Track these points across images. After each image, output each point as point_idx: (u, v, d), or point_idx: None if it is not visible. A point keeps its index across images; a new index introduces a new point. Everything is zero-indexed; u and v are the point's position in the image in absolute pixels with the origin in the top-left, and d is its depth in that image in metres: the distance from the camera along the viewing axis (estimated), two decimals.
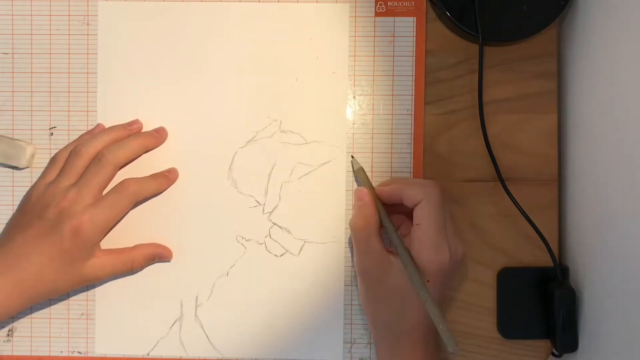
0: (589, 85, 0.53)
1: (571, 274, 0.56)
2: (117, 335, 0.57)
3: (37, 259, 0.51)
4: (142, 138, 0.56)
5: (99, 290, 0.57)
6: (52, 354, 0.57)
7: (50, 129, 0.57)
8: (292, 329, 0.56)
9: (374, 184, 0.54)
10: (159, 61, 0.57)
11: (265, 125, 0.57)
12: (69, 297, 0.57)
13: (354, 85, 0.57)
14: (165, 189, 0.57)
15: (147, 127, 0.57)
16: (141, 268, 0.56)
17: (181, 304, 0.57)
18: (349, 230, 0.56)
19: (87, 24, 0.57)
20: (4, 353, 0.57)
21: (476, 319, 0.56)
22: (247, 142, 0.57)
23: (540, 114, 0.57)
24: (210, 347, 0.56)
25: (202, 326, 0.56)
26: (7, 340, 0.57)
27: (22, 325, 0.57)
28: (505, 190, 0.55)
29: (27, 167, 0.57)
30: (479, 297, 0.56)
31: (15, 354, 0.57)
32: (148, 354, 0.56)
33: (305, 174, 0.57)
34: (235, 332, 0.56)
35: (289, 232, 0.57)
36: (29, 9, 0.57)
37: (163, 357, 0.57)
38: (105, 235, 0.55)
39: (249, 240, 0.57)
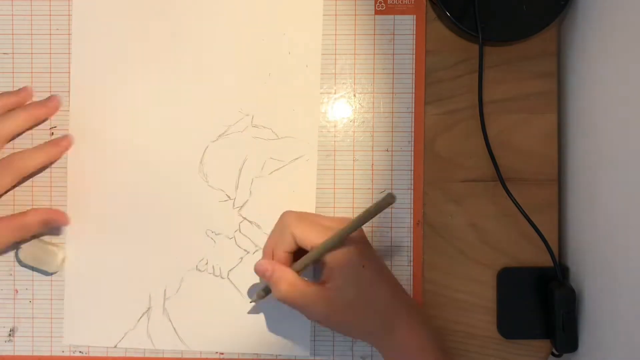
0: (589, 85, 0.53)
1: (571, 274, 0.56)
2: (85, 327, 0.57)
3: None
4: (30, 109, 0.55)
5: (67, 282, 0.57)
6: (54, 353, 0.57)
7: (50, 129, 0.57)
8: (262, 324, 0.56)
9: (374, 184, 0.55)
10: (132, 54, 0.57)
11: (237, 120, 0.57)
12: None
13: (355, 84, 0.57)
14: (57, 160, 0.55)
15: (120, 117, 0.57)
16: (35, 234, 0.55)
17: (149, 297, 0.56)
18: None
19: None
20: (5, 353, 0.57)
21: (476, 319, 0.56)
22: (219, 136, 0.57)
23: (540, 114, 0.57)
24: (177, 340, 0.56)
25: (170, 319, 0.56)
26: (9, 340, 0.57)
27: (23, 325, 0.57)
28: (505, 190, 0.55)
29: (56, 272, 0.56)
30: (479, 297, 0.56)
31: (16, 353, 0.57)
32: (115, 346, 0.56)
33: (276, 169, 0.57)
34: (203, 326, 0.56)
35: (258, 227, 0.57)
36: (29, 9, 0.57)
37: (130, 348, 0.56)
38: None
39: (218, 234, 0.57)
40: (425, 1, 0.57)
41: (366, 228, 0.56)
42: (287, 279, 0.49)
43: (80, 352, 0.57)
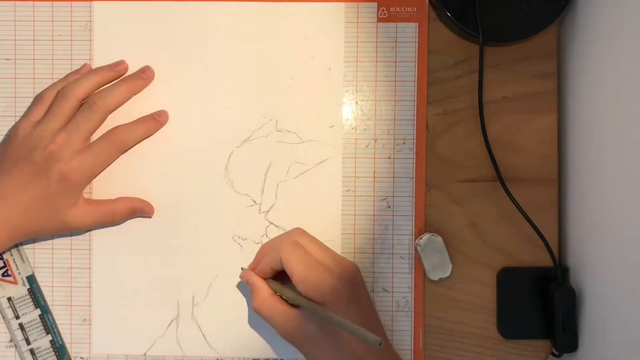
0: (589, 85, 0.53)
1: (571, 274, 0.56)
2: (114, 335, 0.57)
3: (23, 199, 0.52)
4: (129, 82, 0.56)
5: (95, 289, 0.57)
6: None
7: None
8: None
9: (376, 192, 0.56)
10: (155, 61, 0.57)
11: (261, 125, 0.57)
12: (71, 304, 0.57)
13: (357, 91, 0.57)
14: (155, 132, 0.57)
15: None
16: (122, 220, 0.56)
17: (178, 304, 0.57)
18: (345, 230, 0.57)
19: (90, 30, 0.57)
20: None
21: (476, 319, 0.56)
22: (243, 141, 0.57)
23: (540, 114, 0.57)
24: (206, 347, 0.57)
25: (198, 325, 0.57)
26: (10, 347, 0.57)
27: None
28: (505, 190, 0.55)
29: (439, 279, 0.56)
30: (479, 297, 0.57)
31: None
32: (144, 354, 0.57)
33: (302, 173, 0.57)
34: (232, 332, 0.57)
35: (285, 231, 0.57)
36: (31, 15, 0.57)
37: (160, 356, 0.57)
38: (89, 182, 0.56)
39: (245, 239, 0.57)
40: (427, 9, 0.56)
41: (368, 235, 0.57)
42: (260, 295, 0.52)
43: (81, 357, 0.57)
